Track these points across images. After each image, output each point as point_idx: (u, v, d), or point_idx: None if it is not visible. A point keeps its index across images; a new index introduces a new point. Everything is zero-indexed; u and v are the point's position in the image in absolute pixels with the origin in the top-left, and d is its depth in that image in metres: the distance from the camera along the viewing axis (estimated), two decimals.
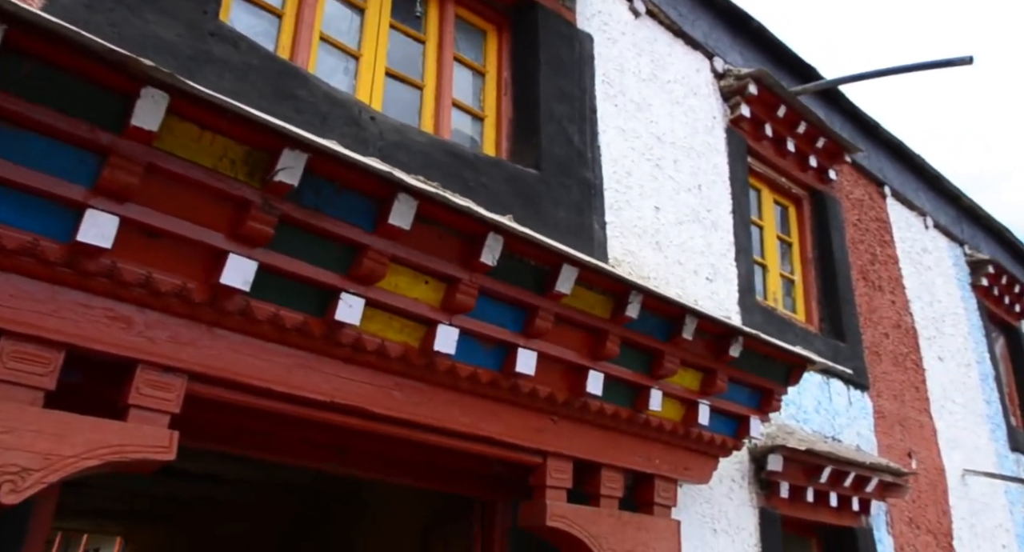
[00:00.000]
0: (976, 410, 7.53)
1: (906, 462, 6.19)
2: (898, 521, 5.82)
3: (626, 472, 3.53)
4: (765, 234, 6.21)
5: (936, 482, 6.46)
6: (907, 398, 6.58)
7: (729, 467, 4.58)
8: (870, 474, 5.18)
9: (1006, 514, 7.21)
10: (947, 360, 7.44)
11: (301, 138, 2.23)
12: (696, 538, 4.21)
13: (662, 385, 3.46)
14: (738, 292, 5.25)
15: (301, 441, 3.05)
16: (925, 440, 6.57)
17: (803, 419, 5.32)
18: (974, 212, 9.02)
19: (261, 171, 2.29)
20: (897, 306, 7.02)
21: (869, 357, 6.32)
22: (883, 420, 6.16)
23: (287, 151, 2.24)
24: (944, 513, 6.39)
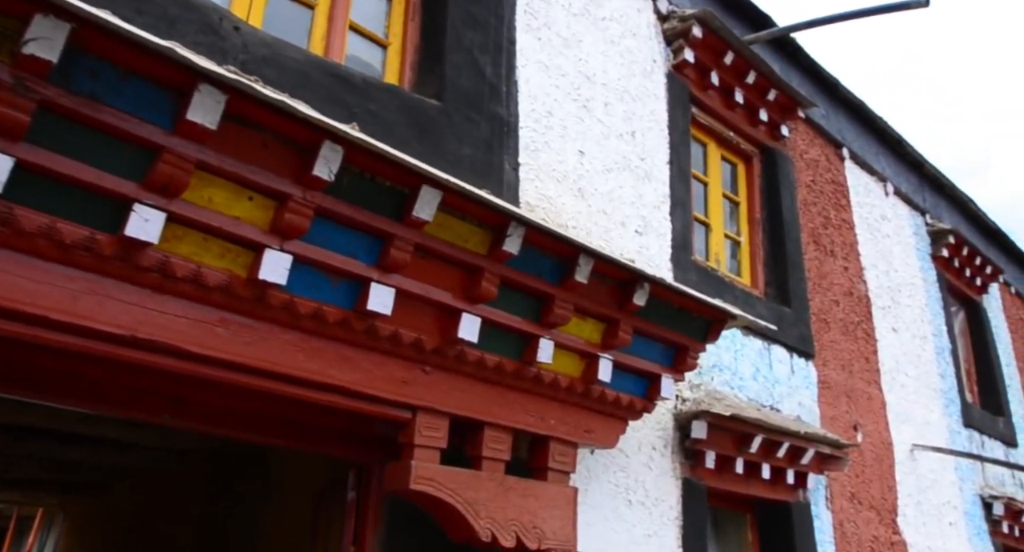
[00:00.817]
0: (929, 384, 7.25)
1: (851, 435, 5.89)
2: (839, 496, 5.52)
3: (515, 433, 3.15)
4: (710, 191, 5.83)
5: (882, 456, 6.17)
6: (856, 369, 6.27)
7: (650, 434, 4.24)
8: (806, 445, 4.86)
9: (955, 491, 6.96)
10: (901, 331, 7.14)
11: (58, 2, 1.80)
12: (607, 509, 3.86)
13: (554, 335, 3.08)
14: (672, 248, 4.88)
15: (126, 388, 2.65)
16: (873, 413, 6.27)
17: (738, 386, 4.98)
18: (937, 181, 8.70)
19: (11, 43, 1.85)
20: (850, 273, 6.69)
21: (816, 324, 5.99)
22: (828, 390, 5.84)
23: (39, 17, 1.81)
24: (889, 489, 6.11)
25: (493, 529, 2.93)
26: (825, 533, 5.25)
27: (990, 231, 9.60)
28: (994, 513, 7.19)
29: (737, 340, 5.12)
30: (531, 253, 2.88)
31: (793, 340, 5.62)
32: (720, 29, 5.45)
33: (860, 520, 5.63)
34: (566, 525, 3.19)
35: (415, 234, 2.57)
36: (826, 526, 5.28)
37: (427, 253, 2.66)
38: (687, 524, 4.24)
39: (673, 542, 4.14)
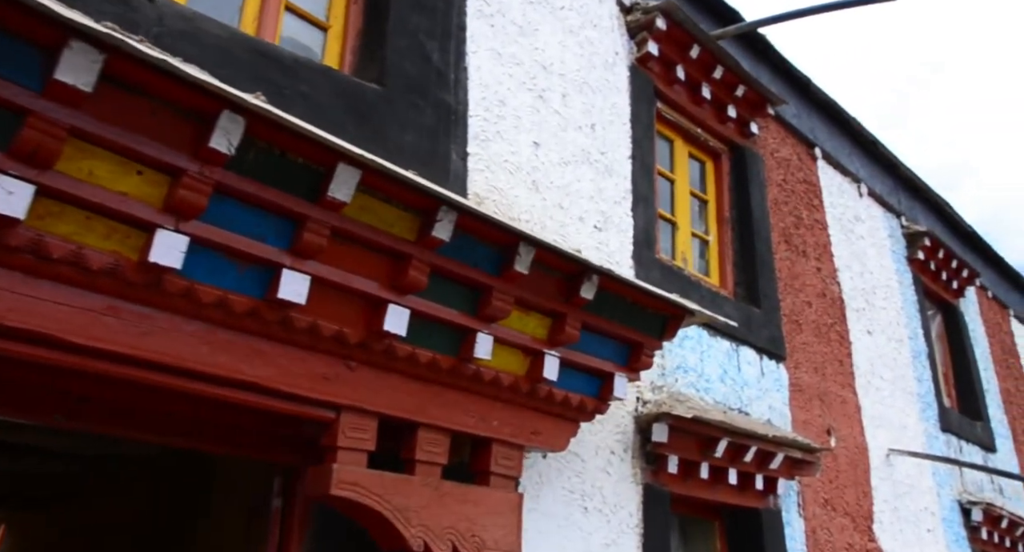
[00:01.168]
0: (906, 388, 7.09)
1: (824, 439, 5.70)
2: (811, 502, 5.33)
3: (454, 435, 2.93)
4: (677, 189, 5.66)
5: (857, 461, 5.99)
6: (829, 372, 6.10)
7: (608, 438, 4.03)
8: (775, 449, 4.66)
9: (932, 497, 6.79)
10: (876, 334, 6.99)
11: None
12: (562, 516, 3.64)
13: (494, 330, 2.87)
14: (633, 245, 4.69)
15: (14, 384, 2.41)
16: (847, 417, 6.09)
17: (705, 388, 4.79)
18: (913, 183, 8.59)
19: None
20: (823, 274, 6.53)
21: (788, 326, 5.81)
22: (800, 394, 5.66)
23: None
24: (865, 495, 5.93)
25: (426, 538, 2.70)
26: (797, 541, 5.05)
27: (966, 235, 9.50)
28: (973, 519, 7.03)
29: (703, 341, 4.93)
30: (465, 240, 2.68)
31: (763, 341, 5.44)
32: (685, 21, 5.30)
33: (834, 527, 5.44)
34: (510, 533, 2.97)
35: (332, 217, 2.36)
36: (798, 534, 5.08)
37: (347, 238, 2.45)
38: (649, 532, 4.03)
39: (633, 551, 3.93)
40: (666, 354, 4.59)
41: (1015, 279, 10.64)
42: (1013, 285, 10.68)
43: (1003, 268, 10.40)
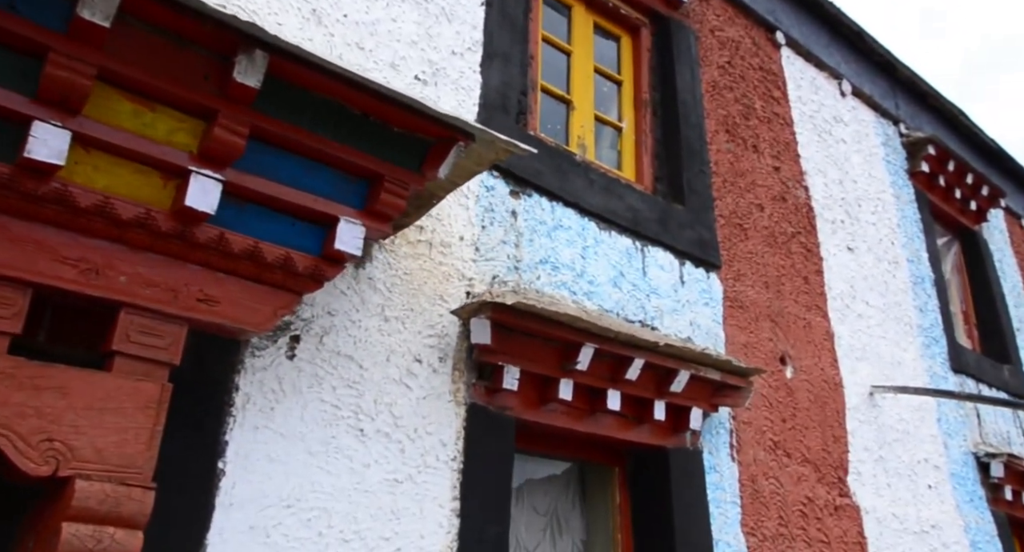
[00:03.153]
0: (901, 318, 5.83)
1: (775, 367, 4.53)
2: (752, 445, 4.17)
3: (39, 291, 1.93)
4: (575, 63, 4.56)
5: (826, 399, 4.79)
6: (788, 289, 4.91)
7: (413, 340, 2.98)
8: (676, 365, 3.54)
9: (937, 447, 5.51)
10: (861, 252, 5.75)
11: None
12: (316, 440, 2.60)
13: (84, 125, 1.86)
14: (481, 108, 3.62)
15: None
16: (813, 345, 4.90)
17: (586, 292, 3.69)
18: (915, 87, 7.27)
19: None
20: (783, 176, 5.33)
21: (726, 229, 4.65)
22: (741, 311, 4.49)
23: None
24: (836, 440, 4.72)
25: None
26: (727, 491, 3.90)
27: (988, 150, 8.10)
28: (992, 475, 5.72)
29: (589, 233, 3.83)
30: None
31: (685, 244, 4.30)
32: None
33: (786, 476, 4.26)
34: (133, 442, 1.95)
35: None
36: (729, 482, 3.94)
37: None
38: (473, 469, 2.95)
39: (444, 493, 2.86)
40: (523, 242, 3.51)
41: None
42: None
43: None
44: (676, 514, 3.59)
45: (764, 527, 3.99)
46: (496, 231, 3.44)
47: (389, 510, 2.69)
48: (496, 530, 2.93)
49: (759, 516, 4.00)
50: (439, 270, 3.16)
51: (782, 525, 4.09)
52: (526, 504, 3.67)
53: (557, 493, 3.80)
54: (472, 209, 3.39)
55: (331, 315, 2.78)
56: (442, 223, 3.24)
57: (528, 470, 3.69)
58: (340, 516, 2.57)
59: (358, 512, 2.61)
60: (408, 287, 3.03)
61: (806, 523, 4.24)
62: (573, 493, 3.86)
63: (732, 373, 3.78)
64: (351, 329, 2.81)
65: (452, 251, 3.24)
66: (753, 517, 3.96)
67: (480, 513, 2.91)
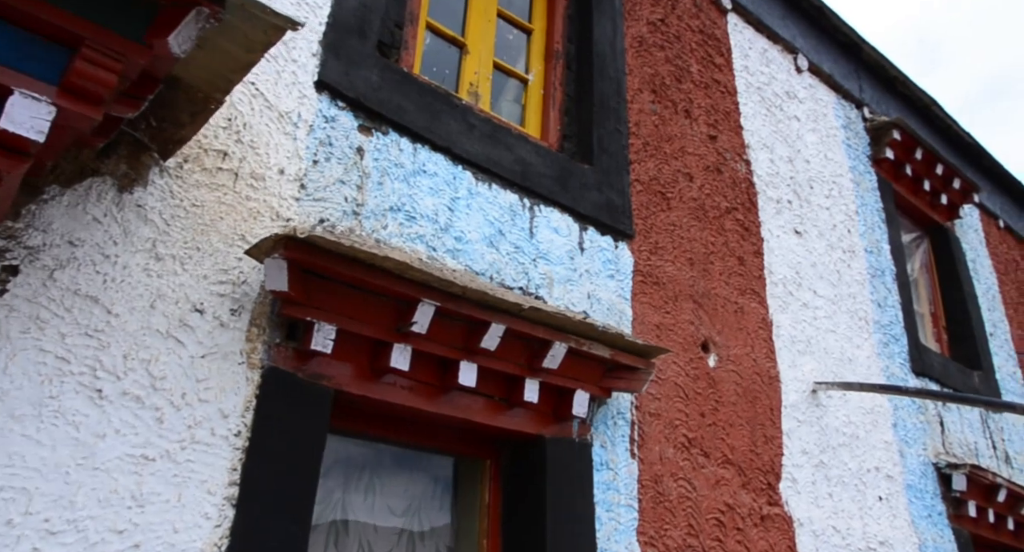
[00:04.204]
0: (856, 312, 5.25)
1: (695, 354, 3.93)
2: (658, 440, 3.56)
3: None
4: (472, 4, 4.01)
5: (758, 394, 4.19)
6: (717, 269, 4.32)
7: (188, 282, 2.38)
8: (549, 336, 2.94)
9: (891, 455, 4.90)
10: (811, 238, 5.17)
11: None
12: (25, 400, 2.00)
13: None
14: (330, 29, 3.06)
15: None
16: (746, 333, 4.30)
17: (452, 250, 3.10)
18: (882, 70, 6.75)
19: None
20: (721, 146, 4.77)
21: (644, 197, 4.08)
22: (657, 289, 3.91)
23: None
24: (769, 440, 4.12)
25: None
26: (621, 492, 3.29)
27: (961, 144, 7.56)
28: (954, 489, 5.10)
29: (462, 183, 3.25)
30: None
31: (589, 207, 3.73)
32: None
33: (702, 479, 3.65)
34: None
35: None
36: (625, 482, 3.32)
37: None
38: (263, 451, 2.35)
39: (217, 476, 2.25)
40: (369, 185, 2.93)
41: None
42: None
43: (1021, 194, 8.39)
44: (550, 517, 2.98)
45: (668, 536, 3.37)
46: (333, 168, 2.86)
47: (129, 495, 2.08)
48: (290, 529, 2.32)
49: (662, 523, 3.38)
50: (244, 206, 2.58)
51: (691, 535, 3.47)
52: (378, 502, 3.07)
53: (420, 491, 3.19)
54: (302, 140, 2.81)
55: (73, 245, 2.19)
56: (256, 152, 2.67)
57: (383, 461, 3.09)
58: (47, 500, 1.96)
59: (78, 496, 2.01)
60: (196, 222, 2.45)
61: (723, 534, 3.62)
62: (442, 491, 3.25)
63: (627, 351, 3.18)
64: (101, 265, 2.22)
65: (267, 186, 2.66)
66: (654, 524, 3.34)
67: (267, 505, 2.30)
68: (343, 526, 2.97)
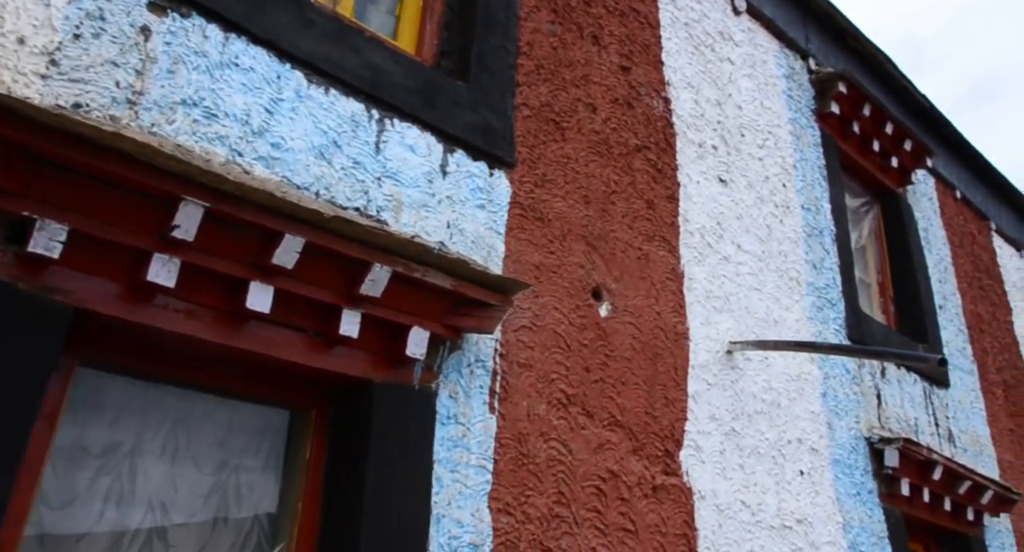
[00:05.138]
0: (787, 271, 4.79)
1: (583, 300, 3.45)
2: (528, 393, 3.08)
3: None
4: None
5: (660, 351, 3.72)
6: (620, 210, 3.85)
7: None
8: (365, 256, 2.44)
9: (818, 427, 4.45)
10: (738, 188, 4.71)
11: None
12: None
13: None
14: None
15: None
16: (650, 283, 3.83)
17: (265, 157, 2.59)
18: (832, 22, 6.28)
19: None
20: (636, 79, 4.29)
21: (532, 123, 3.59)
22: (540, 225, 3.42)
23: None
24: (670, 403, 3.65)
25: None
26: (472, 451, 2.81)
27: (917, 109, 7.12)
28: (886, 465, 4.67)
29: (286, 82, 2.74)
30: None
31: (459, 128, 3.23)
32: None
33: (580, 442, 3.18)
34: None
35: None
36: (479, 439, 2.84)
37: None
38: None
39: None
40: (154, 72, 2.42)
41: (997, 182, 8.20)
42: (994, 190, 8.24)
43: (981, 166, 7.99)
44: (371, 475, 2.49)
45: (529, 504, 2.89)
46: (103, 47, 2.34)
47: None
48: None
49: (523, 489, 2.90)
50: None
51: (561, 504, 3.00)
52: (185, 459, 2.56)
53: (241, 446, 2.69)
54: (59, 7, 2.29)
55: None
56: None
57: (193, 409, 2.59)
58: None
59: None
60: None
61: (603, 504, 3.15)
62: (269, 447, 2.75)
63: (475, 283, 2.70)
64: None
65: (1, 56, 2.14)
66: (513, 489, 2.86)
67: None
68: (130, 484, 2.47)
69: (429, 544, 2.56)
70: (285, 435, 2.77)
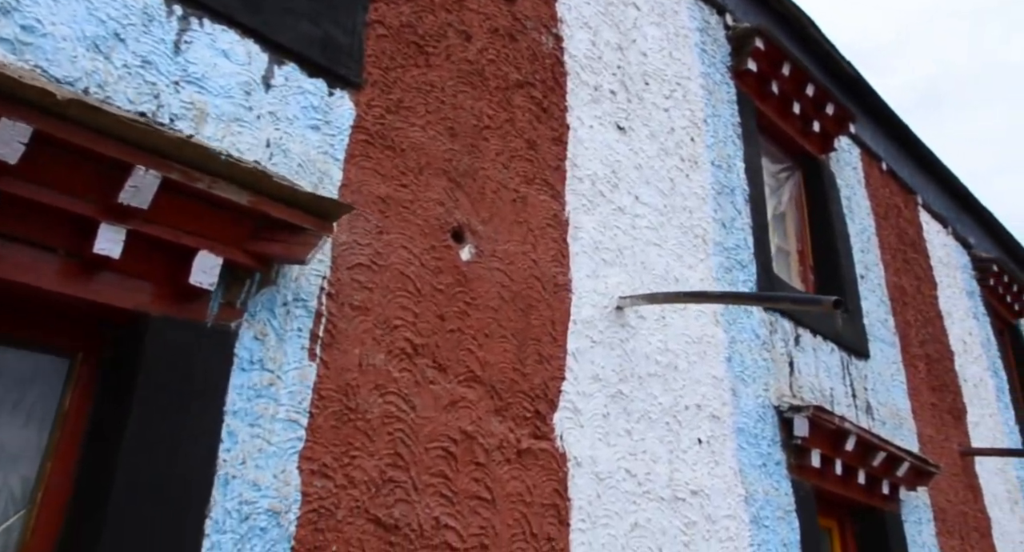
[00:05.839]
0: (692, 229, 4.45)
1: (440, 240, 3.04)
2: (363, 340, 2.65)
3: None
4: None
5: (536, 303, 3.33)
6: (493, 147, 3.45)
7: None
8: (129, 158, 1.99)
9: (720, 393, 4.12)
10: (638, 138, 4.35)
11: None
12: None
13: None
14: None
15: None
16: (527, 228, 3.44)
17: (17, 44, 2.13)
18: None
19: None
20: (521, 11, 3.88)
21: (390, 44, 3.16)
22: (391, 155, 3.00)
23: None
24: (545, 360, 3.26)
25: None
26: (282, 401, 2.37)
27: (844, 78, 6.88)
28: (796, 435, 4.36)
29: None
30: None
31: (291, 38, 2.79)
32: None
33: (426, 398, 2.76)
34: None
35: None
36: (291, 390, 2.40)
37: None
38: None
39: None
40: None
41: (924, 157, 8.03)
42: (922, 165, 8.07)
43: (908, 140, 7.80)
44: (136, 426, 2.04)
45: (355, 466, 2.47)
46: None
47: None
48: None
49: (348, 448, 2.48)
50: None
51: (397, 467, 2.58)
52: None
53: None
54: None
55: None
56: None
57: None
58: None
59: None
60: None
61: (452, 468, 2.74)
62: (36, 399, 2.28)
63: (281, 201, 2.26)
64: None
65: None
66: (333, 448, 2.44)
67: None
68: None
69: (211, 509, 2.12)
70: (61, 384, 2.31)
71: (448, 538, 2.63)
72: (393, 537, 2.49)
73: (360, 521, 2.42)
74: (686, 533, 3.54)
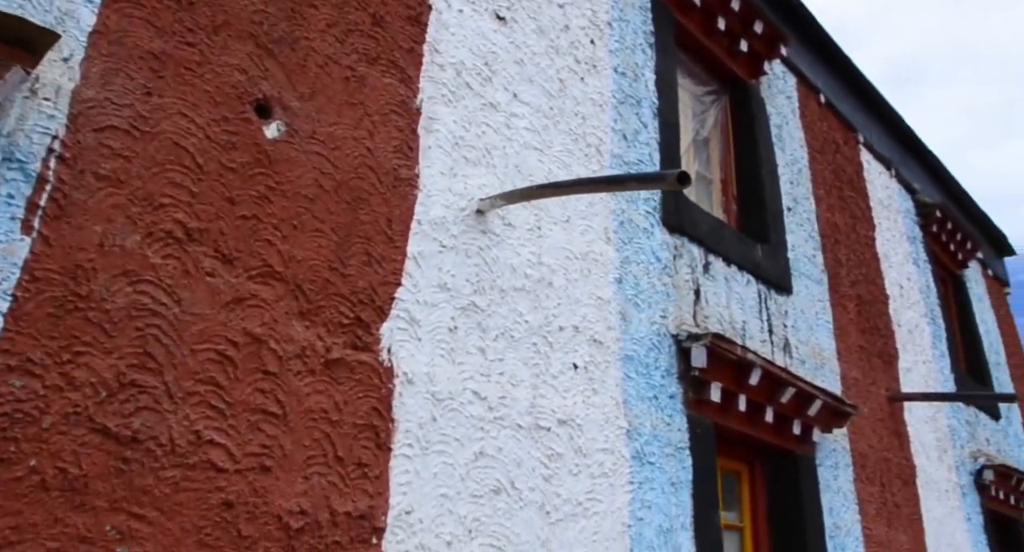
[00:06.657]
0: (583, 136, 3.98)
1: (235, 112, 2.53)
2: (102, 214, 2.15)
3: None
4: None
5: (368, 196, 2.84)
6: (322, 17, 2.93)
7: None
8: None
9: (605, 315, 3.68)
10: (522, 30, 3.85)
11: None
12: None
13: None
14: None
15: None
16: (363, 111, 2.94)
17: None
18: None
19: None
20: None
21: None
22: (172, 6, 2.47)
23: None
24: (375, 262, 2.79)
25: None
26: None
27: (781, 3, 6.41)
28: (693, 365, 3.95)
29: None
30: None
31: None
32: None
33: (203, 291, 2.27)
34: None
35: None
36: None
37: None
38: None
39: None
40: None
41: (869, 95, 7.62)
42: (865, 103, 7.66)
43: (851, 75, 7.38)
44: None
45: (77, 364, 1.98)
46: None
47: None
48: None
49: (70, 342, 1.99)
50: None
51: (146, 369, 2.10)
52: None
53: None
54: None
55: None
56: None
57: None
58: None
59: None
60: None
61: (229, 376, 2.27)
62: None
63: None
64: None
65: None
66: (44, 340, 1.95)
67: None
68: None
69: None
70: None
71: (212, 455, 2.16)
72: (129, 452, 2.02)
73: (79, 431, 1.94)
74: (547, 466, 3.11)
